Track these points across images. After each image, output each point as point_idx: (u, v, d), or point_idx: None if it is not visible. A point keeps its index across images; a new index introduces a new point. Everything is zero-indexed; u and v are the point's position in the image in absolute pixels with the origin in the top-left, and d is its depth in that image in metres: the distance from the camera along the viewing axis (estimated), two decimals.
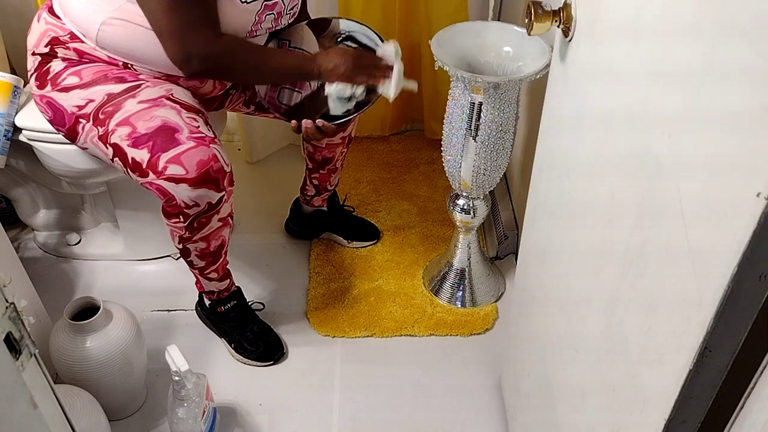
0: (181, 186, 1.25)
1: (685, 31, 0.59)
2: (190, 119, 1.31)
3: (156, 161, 1.26)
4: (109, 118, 1.31)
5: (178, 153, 1.25)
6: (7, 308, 0.56)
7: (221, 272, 1.50)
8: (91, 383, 1.33)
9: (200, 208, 1.29)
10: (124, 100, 1.32)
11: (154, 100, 1.31)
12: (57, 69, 1.37)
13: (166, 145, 1.26)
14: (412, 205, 2.00)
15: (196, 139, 1.27)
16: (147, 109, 1.30)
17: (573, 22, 0.89)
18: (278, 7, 1.34)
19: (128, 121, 1.29)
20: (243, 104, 1.59)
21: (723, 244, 0.51)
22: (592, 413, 0.85)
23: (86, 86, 1.34)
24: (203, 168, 1.25)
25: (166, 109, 1.30)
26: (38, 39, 1.38)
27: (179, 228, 1.34)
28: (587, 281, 0.86)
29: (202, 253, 1.41)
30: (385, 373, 1.57)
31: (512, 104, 1.42)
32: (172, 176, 1.25)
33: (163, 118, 1.29)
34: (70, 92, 1.35)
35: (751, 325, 0.54)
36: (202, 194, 1.27)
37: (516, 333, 1.30)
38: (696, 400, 0.60)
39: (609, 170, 0.78)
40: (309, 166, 1.75)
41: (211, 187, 1.27)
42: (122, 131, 1.29)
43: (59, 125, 1.39)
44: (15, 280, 1.36)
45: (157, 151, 1.26)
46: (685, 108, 0.59)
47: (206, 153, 1.26)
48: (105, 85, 1.33)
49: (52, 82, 1.37)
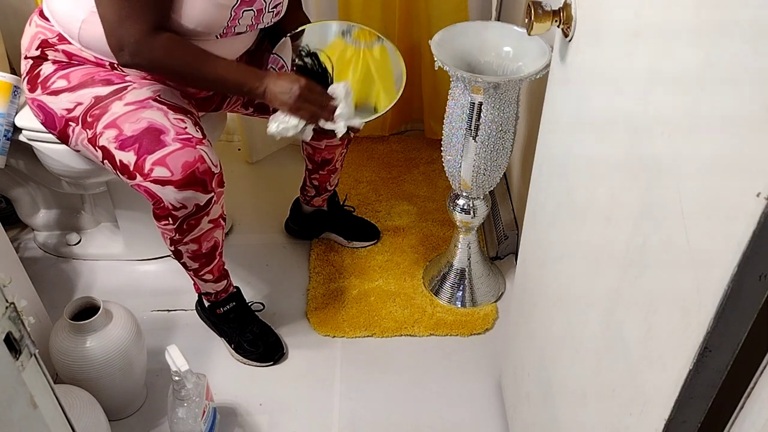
0: (167, 188, 1.25)
1: (685, 32, 0.59)
2: (177, 120, 1.30)
3: (142, 163, 1.25)
4: (96, 120, 1.31)
5: (164, 155, 1.25)
6: (7, 308, 0.56)
7: (216, 273, 1.50)
8: (91, 383, 1.33)
9: (188, 210, 1.29)
10: (111, 102, 1.31)
11: (141, 101, 1.31)
12: (47, 72, 1.37)
13: (152, 146, 1.25)
14: (412, 205, 2.00)
15: (182, 140, 1.27)
16: (133, 111, 1.30)
17: (573, 23, 0.89)
18: (258, 4, 1.29)
19: (115, 123, 1.29)
20: (242, 106, 1.59)
21: (723, 244, 0.51)
22: (592, 413, 0.85)
23: (74, 89, 1.34)
24: (189, 170, 1.25)
25: (153, 111, 1.30)
26: (30, 42, 1.38)
27: (169, 230, 1.34)
28: (587, 281, 0.86)
29: (194, 255, 1.41)
30: (385, 373, 1.57)
31: (512, 104, 1.42)
32: (158, 178, 1.24)
33: (150, 120, 1.28)
34: (59, 95, 1.35)
35: (751, 325, 0.54)
36: (188, 196, 1.27)
37: (516, 333, 1.30)
38: (696, 400, 0.60)
39: (609, 170, 0.78)
40: (309, 166, 1.75)
41: (198, 189, 1.27)
42: (109, 134, 1.29)
43: (51, 128, 1.40)
44: (15, 280, 1.36)
45: (143, 153, 1.26)
46: (685, 108, 0.59)
47: (192, 154, 1.25)
48: (92, 88, 1.33)
49: (42, 86, 1.37)
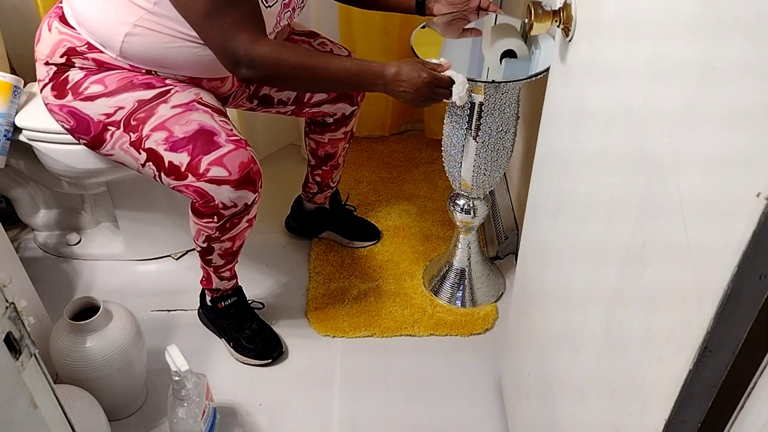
0: (223, 187, 1.28)
1: (685, 30, 0.59)
2: (222, 122, 1.33)
3: (197, 164, 1.28)
4: (142, 124, 1.32)
5: (221, 155, 1.28)
6: (7, 308, 0.56)
7: (233, 271, 1.54)
8: (91, 383, 1.33)
9: (237, 209, 1.33)
10: (157, 105, 1.32)
11: (187, 104, 1.33)
12: (76, 78, 1.35)
13: (207, 147, 1.28)
14: (412, 205, 2.00)
15: (234, 141, 1.30)
16: (181, 114, 1.31)
17: (573, 22, 0.89)
18: (293, 3, 1.34)
19: (164, 126, 1.31)
20: (246, 99, 1.59)
21: (723, 244, 0.51)
22: (592, 413, 0.85)
23: (112, 94, 1.33)
24: (245, 170, 1.29)
25: (200, 113, 1.32)
26: (52, 49, 1.36)
27: (210, 228, 1.36)
28: (587, 281, 0.86)
29: (225, 252, 1.44)
30: (385, 373, 1.57)
31: (513, 104, 1.42)
32: (215, 178, 1.28)
33: (200, 122, 1.31)
34: (95, 101, 1.34)
35: (751, 325, 0.54)
36: (242, 195, 1.31)
37: (516, 333, 1.30)
38: (696, 400, 0.60)
39: (609, 170, 0.78)
40: (311, 162, 1.76)
41: (250, 188, 1.31)
42: (158, 136, 1.30)
43: (82, 134, 1.38)
44: (15, 280, 1.36)
45: (198, 154, 1.28)
46: (685, 108, 0.59)
47: (246, 155, 1.30)
48: (133, 92, 1.33)
49: (73, 92, 1.35)
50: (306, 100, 1.57)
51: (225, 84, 1.45)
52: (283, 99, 1.57)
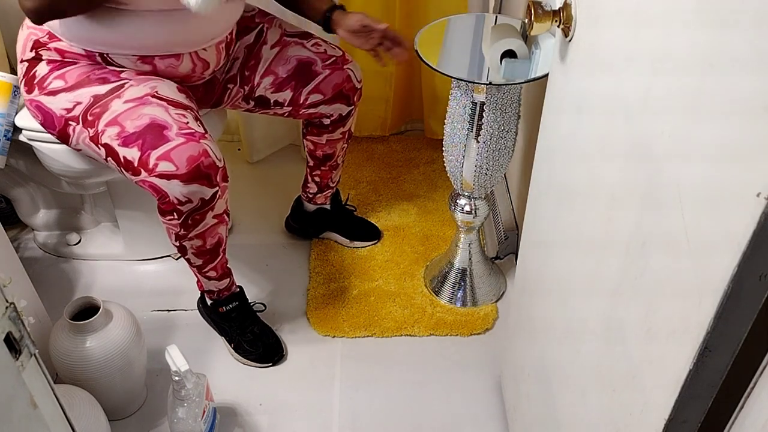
0: (173, 182, 1.26)
1: (685, 28, 0.59)
2: (178, 115, 1.31)
3: (147, 159, 1.27)
4: (97, 119, 1.32)
5: (168, 149, 1.26)
6: (7, 308, 0.56)
7: (220, 271, 1.51)
8: (91, 383, 1.33)
9: (193, 204, 1.30)
10: (110, 100, 1.32)
11: (140, 98, 1.32)
12: (42, 73, 1.37)
13: (156, 142, 1.27)
14: (412, 205, 2.00)
15: (185, 135, 1.28)
16: (134, 108, 1.31)
17: (573, 22, 0.89)
18: None
19: (116, 120, 1.30)
20: (242, 99, 1.58)
21: (723, 243, 0.51)
22: (593, 413, 0.85)
23: (72, 89, 1.35)
24: (194, 163, 1.26)
25: (153, 107, 1.31)
26: (24, 45, 1.39)
27: (174, 225, 1.35)
28: (587, 281, 0.86)
29: (198, 251, 1.42)
30: (385, 373, 1.57)
31: (514, 104, 1.42)
32: (164, 173, 1.26)
33: (151, 116, 1.29)
34: (57, 95, 1.36)
35: (751, 325, 0.54)
36: (194, 190, 1.28)
37: (516, 333, 1.30)
38: (696, 400, 0.60)
39: (609, 170, 0.78)
40: (310, 163, 1.75)
41: (204, 183, 1.28)
42: (111, 131, 1.30)
43: (50, 128, 1.40)
44: (15, 280, 1.36)
45: (147, 149, 1.27)
46: (685, 108, 0.59)
47: (196, 148, 1.27)
48: (90, 87, 1.34)
49: (39, 86, 1.38)
50: (302, 102, 1.57)
51: (182, 62, 1.39)
52: (280, 101, 1.57)
